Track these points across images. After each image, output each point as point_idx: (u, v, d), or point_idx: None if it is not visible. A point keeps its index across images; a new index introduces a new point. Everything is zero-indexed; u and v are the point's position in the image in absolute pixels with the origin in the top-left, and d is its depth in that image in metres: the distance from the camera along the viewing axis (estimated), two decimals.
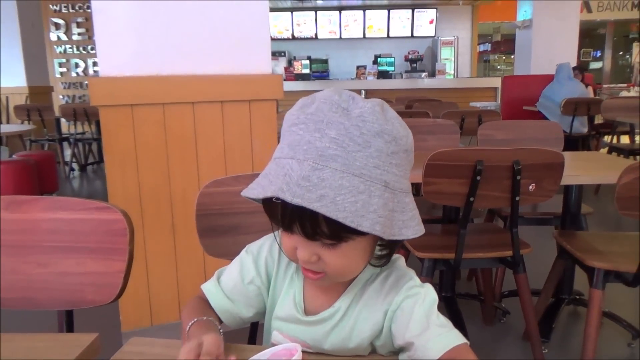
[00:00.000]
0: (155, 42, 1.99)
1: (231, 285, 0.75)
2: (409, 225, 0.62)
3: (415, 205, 0.64)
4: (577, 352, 1.75)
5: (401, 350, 0.68)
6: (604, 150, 5.44)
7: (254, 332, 1.06)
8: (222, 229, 1.13)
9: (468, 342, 0.64)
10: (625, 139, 5.60)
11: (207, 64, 2.06)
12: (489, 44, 13.43)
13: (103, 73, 1.95)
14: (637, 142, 5.80)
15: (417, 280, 0.70)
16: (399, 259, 0.74)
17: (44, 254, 0.94)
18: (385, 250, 0.68)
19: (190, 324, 0.68)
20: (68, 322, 0.96)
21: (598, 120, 5.35)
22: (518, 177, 1.60)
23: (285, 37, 9.66)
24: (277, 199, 0.56)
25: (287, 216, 0.59)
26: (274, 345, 0.68)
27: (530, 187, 1.63)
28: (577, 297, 2.33)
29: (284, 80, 8.70)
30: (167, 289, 2.14)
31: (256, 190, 0.59)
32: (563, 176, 1.68)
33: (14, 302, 0.94)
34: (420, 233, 0.63)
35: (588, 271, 1.73)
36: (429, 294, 0.68)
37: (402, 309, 0.67)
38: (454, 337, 0.64)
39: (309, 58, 9.31)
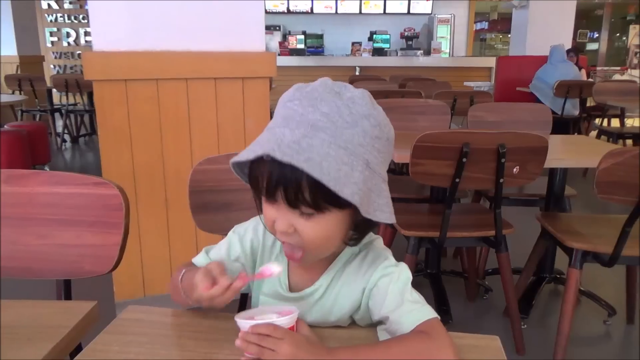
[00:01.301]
0: (149, 18, 2.00)
1: (218, 260, 0.80)
2: (384, 210, 0.66)
3: (389, 195, 0.69)
4: (555, 328, 1.82)
5: (379, 323, 0.74)
6: (594, 133, 5.51)
7: (243, 304, 1.12)
8: (214, 205, 1.17)
9: (439, 317, 0.69)
10: (615, 122, 5.65)
11: (201, 41, 2.07)
12: (486, 22, 13.33)
13: (97, 47, 1.96)
14: (627, 125, 5.87)
15: (392, 260, 0.75)
16: (377, 240, 0.79)
17: (43, 226, 0.98)
18: (359, 233, 0.72)
19: (182, 271, 0.74)
20: (66, 291, 1.00)
21: (590, 103, 5.40)
22: (503, 160, 1.65)
23: (281, 10, 9.53)
24: (265, 161, 0.61)
25: (272, 181, 0.63)
26: None
27: (515, 169, 1.69)
28: (558, 275, 2.41)
29: (278, 55, 8.63)
30: (160, 261, 2.19)
31: (246, 154, 0.63)
32: (547, 159, 1.73)
33: (14, 271, 0.99)
34: (392, 221, 0.67)
35: (567, 251, 1.80)
36: (403, 273, 0.73)
37: (378, 287, 0.73)
38: (426, 312, 0.69)
39: (304, 33, 9.21)
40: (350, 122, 0.62)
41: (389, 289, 0.71)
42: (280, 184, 0.62)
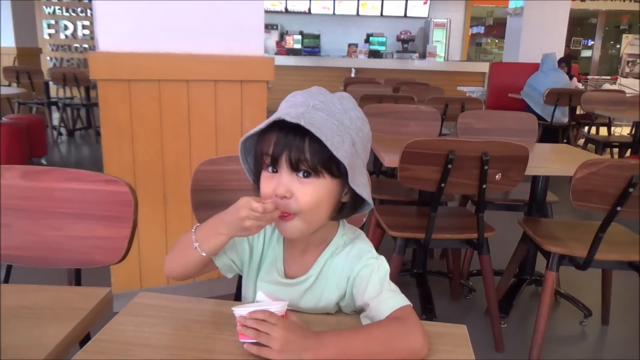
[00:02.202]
0: (153, 20, 2.08)
1: None
2: (365, 190, 0.79)
3: (368, 182, 0.82)
4: (533, 327, 1.92)
5: (362, 310, 0.84)
6: (581, 141, 5.64)
7: (239, 293, 1.21)
8: (214, 203, 1.25)
9: (411, 304, 0.80)
10: (604, 131, 5.79)
11: (203, 44, 2.16)
12: (482, 27, 13.46)
13: (102, 48, 2.04)
14: (614, 134, 6.01)
15: (374, 252, 0.86)
16: (361, 235, 0.90)
17: (57, 219, 1.07)
18: (344, 210, 0.84)
19: (194, 228, 0.83)
20: (77, 279, 1.09)
21: (579, 111, 5.52)
22: (486, 167, 1.75)
23: (278, 9, 9.61)
24: (272, 135, 0.75)
25: (279, 147, 0.75)
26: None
27: (497, 176, 1.79)
28: (538, 278, 2.52)
29: (275, 54, 8.71)
30: (157, 255, 2.27)
31: (259, 127, 0.77)
32: (529, 167, 1.83)
33: (30, 260, 1.07)
34: (371, 202, 0.81)
35: (545, 255, 1.90)
36: (382, 265, 0.84)
37: (360, 277, 0.83)
38: (401, 300, 0.80)
39: (301, 33, 9.30)
40: (341, 110, 0.77)
41: (370, 278, 0.82)
42: (286, 147, 0.75)
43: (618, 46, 12.66)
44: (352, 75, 8.33)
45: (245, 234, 0.79)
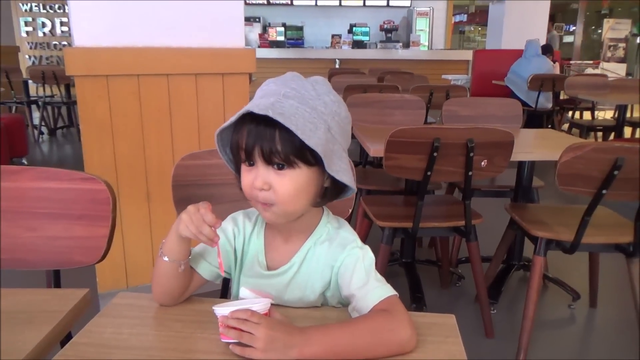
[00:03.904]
0: (130, 14, 2.03)
1: (203, 247, 0.87)
2: (345, 174, 0.77)
3: (351, 164, 0.81)
4: (522, 312, 1.93)
5: (347, 301, 0.82)
6: (566, 126, 5.68)
7: (225, 291, 1.19)
8: (197, 198, 1.22)
9: (398, 295, 0.78)
10: (587, 115, 5.83)
11: (182, 37, 2.12)
12: (465, 15, 13.48)
13: (78, 43, 1.99)
14: (598, 118, 6.06)
15: (358, 242, 0.84)
16: (346, 225, 0.88)
17: (33, 219, 1.04)
18: (326, 197, 0.82)
19: (163, 241, 0.81)
20: (56, 280, 1.06)
21: (563, 96, 5.55)
22: (471, 154, 1.74)
23: (260, 2, 9.51)
24: (244, 128, 0.74)
25: (251, 140, 0.74)
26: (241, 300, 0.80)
27: (483, 163, 1.78)
28: (527, 263, 2.53)
29: (258, 47, 8.63)
30: (142, 253, 2.24)
31: (229, 121, 0.76)
32: (514, 153, 1.83)
33: (5, 262, 1.04)
34: (354, 186, 0.80)
35: (533, 240, 1.90)
36: (367, 254, 0.82)
37: (345, 266, 0.82)
38: (387, 290, 0.79)
39: (284, 25, 9.21)
40: (314, 95, 0.75)
41: (355, 268, 0.80)
42: (258, 140, 0.74)
43: (600, 31, 12.76)
44: (337, 66, 8.28)
45: (182, 234, 0.77)
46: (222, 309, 0.69)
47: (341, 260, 0.82)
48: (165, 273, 0.80)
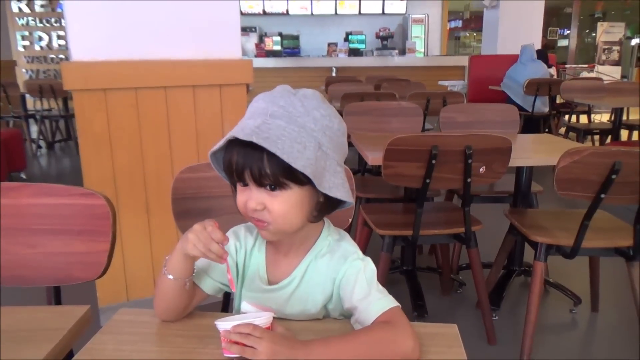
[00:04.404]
0: (127, 27, 2.04)
1: (205, 262, 0.87)
2: (340, 189, 0.77)
3: (346, 179, 0.80)
4: (524, 318, 1.92)
5: (350, 313, 0.82)
6: (563, 130, 5.69)
7: (226, 305, 1.18)
8: (196, 211, 1.23)
9: (400, 306, 0.78)
10: (584, 119, 5.85)
11: (179, 49, 2.12)
12: (460, 21, 13.54)
13: (75, 57, 1.99)
14: (594, 121, 6.08)
15: (359, 254, 0.84)
16: (346, 236, 0.88)
17: (32, 236, 1.03)
18: (321, 211, 0.82)
19: (167, 258, 0.80)
20: (56, 297, 1.06)
21: (559, 100, 5.57)
22: (470, 161, 1.74)
23: (256, 12, 9.55)
24: (234, 149, 0.74)
25: (240, 164, 0.74)
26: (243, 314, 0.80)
27: (481, 169, 1.78)
28: (527, 268, 2.52)
29: (255, 56, 8.65)
30: (142, 266, 2.23)
31: (218, 144, 0.76)
32: (512, 158, 1.83)
33: (5, 280, 1.03)
34: (350, 200, 0.79)
35: (533, 245, 1.90)
36: (368, 266, 0.82)
37: (347, 278, 0.81)
38: (390, 301, 0.78)
39: (280, 34, 9.26)
40: (303, 112, 0.74)
41: (357, 280, 0.80)
42: (247, 164, 0.73)
43: (594, 34, 12.82)
44: (333, 74, 8.31)
45: (190, 253, 0.76)
46: (224, 324, 0.69)
47: (343, 273, 0.82)
48: (169, 291, 0.80)
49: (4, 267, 1.04)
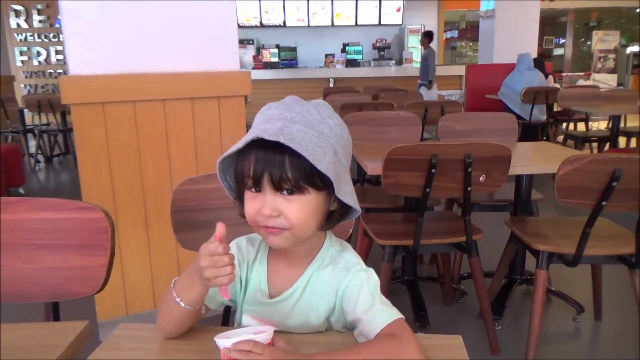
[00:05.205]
0: (124, 41, 2.04)
1: None
2: (352, 197, 0.76)
3: (353, 186, 0.80)
4: (527, 327, 1.91)
5: (353, 325, 0.81)
6: (561, 137, 5.70)
7: (226, 318, 1.17)
8: (196, 224, 1.22)
9: (404, 317, 0.77)
10: (581, 126, 5.87)
11: (177, 62, 2.13)
12: (456, 31, 13.64)
13: (74, 71, 2.00)
14: (592, 129, 6.10)
15: (362, 265, 0.83)
16: (348, 247, 0.87)
17: (30, 251, 1.02)
18: (331, 220, 0.81)
19: (173, 281, 0.78)
20: (55, 313, 1.04)
21: (557, 108, 5.59)
22: (469, 169, 1.74)
23: (253, 24, 9.61)
24: (251, 154, 0.72)
25: (259, 167, 0.72)
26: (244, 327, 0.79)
27: (481, 178, 1.78)
28: (529, 277, 2.51)
29: (252, 68, 8.69)
30: (141, 280, 2.21)
31: (236, 146, 0.73)
32: (512, 167, 1.83)
33: (4, 296, 1.02)
34: (359, 210, 0.79)
35: (535, 254, 1.89)
36: (371, 277, 0.81)
37: (350, 290, 0.80)
38: (394, 313, 0.77)
39: (277, 46, 9.31)
40: (319, 119, 0.74)
41: (360, 291, 0.79)
42: (267, 167, 0.72)
43: (589, 43, 12.92)
44: (331, 85, 8.36)
45: (209, 284, 0.73)
46: (224, 341, 0.67)
47: (345, 284, 0.81)
48: (181, 317, 0.78)
49: (3, 283, 1.02)
